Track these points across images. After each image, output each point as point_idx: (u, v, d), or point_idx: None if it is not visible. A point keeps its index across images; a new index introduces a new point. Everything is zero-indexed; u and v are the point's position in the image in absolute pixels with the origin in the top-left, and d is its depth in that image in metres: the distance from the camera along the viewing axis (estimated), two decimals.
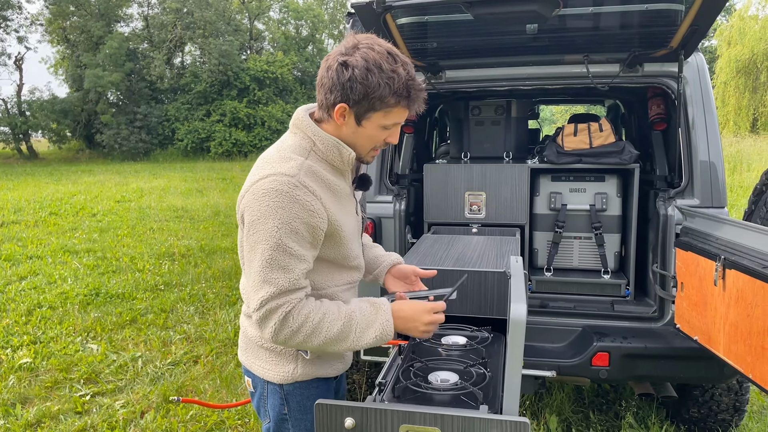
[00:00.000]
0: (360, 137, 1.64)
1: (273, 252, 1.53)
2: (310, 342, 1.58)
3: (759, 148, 17.65)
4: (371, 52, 1.52)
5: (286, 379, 1.73)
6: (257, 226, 1.54)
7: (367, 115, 1.58)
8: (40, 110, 30.30)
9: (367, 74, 1.51)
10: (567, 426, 3.56)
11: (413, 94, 1.57)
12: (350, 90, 1.53)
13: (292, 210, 1.53)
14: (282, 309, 1.55)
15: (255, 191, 1.55)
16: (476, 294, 2.22)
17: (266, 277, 1.54)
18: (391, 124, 1.62)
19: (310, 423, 1.77)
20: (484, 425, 1.40)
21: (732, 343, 2.30)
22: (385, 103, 1.55)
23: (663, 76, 3.07)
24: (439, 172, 3.55)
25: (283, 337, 1.57)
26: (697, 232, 2.64)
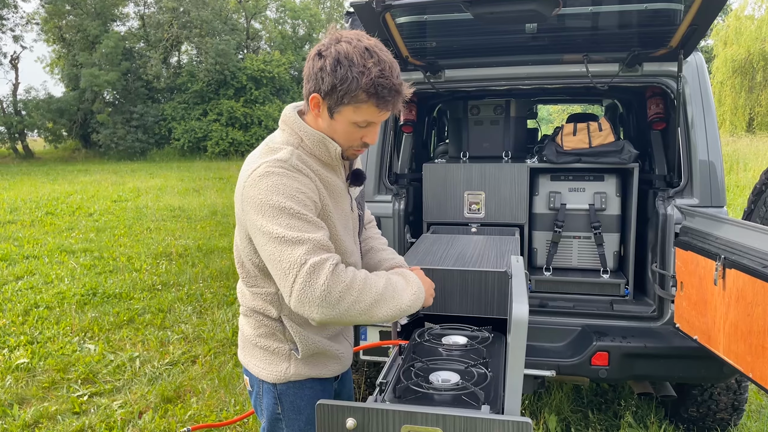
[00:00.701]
0: (335, 132, 1.63)
1: (290, 219, 1.49)
2: (362, 301, 1.50)
3: (755, 147, 17.71)
4: (348, 45, 1.52)
5: (279, 379, 1.74)
6: (264, 203, 1.51)
7: (337, 108, 1.57)
8: (36, 109, 30.19)
9: (336, 66, 1.50)
10: (566, 425, 3.56)
11: (382, 93, 1.53)
12: (321, 81, 1.53)
13: (293, 183, 1.53)
14: (329, 261, 1.47)
15: (252, 179, 1.55)
16: (477, 294, 2.22)
17: (294, 239, 1.47)
18: (363, 122, 1.60)
19: (304, 423, 1.77)
20: (487, 425, 1.40)
21: (732, 342, 2.30)
22: (354, 97, 1.53)
23: (662, 76, 3.07)
24: (438, 172, 3.55)
25: (337, 294, 1.46)
26: (697, 231, 2.64)
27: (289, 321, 1.73)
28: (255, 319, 1.76)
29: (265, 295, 1.72)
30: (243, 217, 1.61)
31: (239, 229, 1.70)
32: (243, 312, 1.81)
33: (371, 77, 1.50)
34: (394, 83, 1.55)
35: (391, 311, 1.57)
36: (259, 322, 1.76)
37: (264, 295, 1.72)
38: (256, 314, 1.76)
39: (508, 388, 1.49)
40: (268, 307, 1.73)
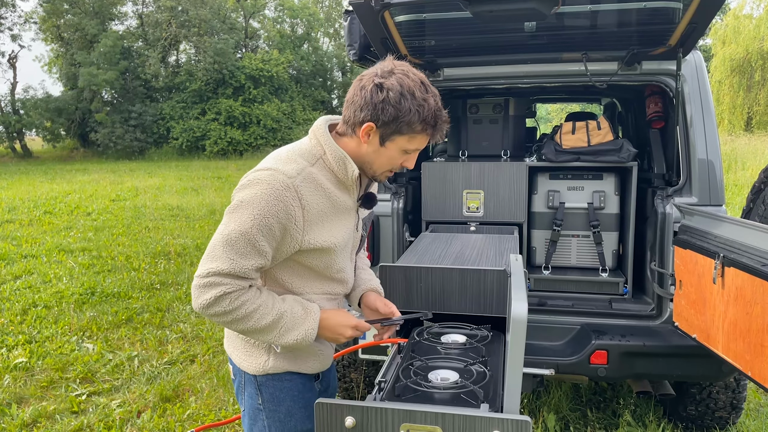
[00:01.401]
0: (380, 157, 1.69)
1: (239, 237, 1.58)
2: (234, 326, 1.65)
3: (753, 146, 17.72)
4: (406, 78, 1.60)
5: (258, 371, 1.78)
6: (239, 208, 1.59)
7: (392, 137, 1.64)
8: (34, 109, 30.15)
9: (400, 98, 1.58)
10: (565, 424, 3.56)
11: (439, 125, 1.65)
12: (381, 111, 1.59)
13: (275, 207, 1.58)
14: (222, 288, 1.59)
15: (251, 177, 1.62)
16: (475, 292, 2.21)
17: (222, 254, 1.59)
18: (413, 150, 1.69)
19: (283, 414, 1.81)
20: (486, 424, 1.40)
21: (731, 340, 2.31)
22: (412, 128, 1.62)
23: (661, 74, 3.07)
24: (437, 171, 3.55)
25: (211, 312, 1.61)
26: (696, 230, 2.64)
27: None
28: None
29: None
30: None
31: None
32: None
33: (431, 110, 1.61)
34: (445, 114, 1.67)
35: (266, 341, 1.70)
36: None
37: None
38: None
39: (507, 387, 1.49)
40: None
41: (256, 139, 29.94)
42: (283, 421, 1.80)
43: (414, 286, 2.27)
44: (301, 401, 1.82)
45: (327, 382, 2.02)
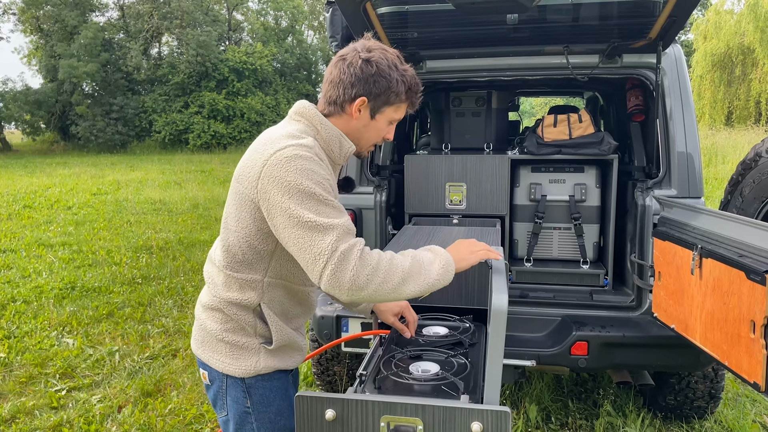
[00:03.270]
0: (370, 130, 1.75)
1: (318, 205, 1.54)
2: (389, 281, 1.54)
3: (733, 140, 17.95)
4: (386, 52, 1.69)
5: (248, 373, 1.73)
6: (292, 187, 1.53)
7: (381, 109, 1.71)
8: (14, 101, 29.63)
9: (389, 70, 1.66)
10: (546, 414, 3.59)
11: (419, 93, 1.75)
12: (374, 84, 1.66)
13: (319, 170, 1.58)
14: (356, 247, 1.53)
15: (278, 159, 1.56)
16: (457, 284, 2.22)
17: (323, 225, 1.52)
18: (397, 119, 1.77)
19: (274, 414, 1.78)
20: (465, 415, 1.40)
21: (708, 331, 2.34)
22: (399, 98, 1.70)
23: (641, 67, 3.09)
24: (419, 164, 3.54)
25: (365, 278, 1.51)
26: (675, 221, 2.67)
27: (268, 309, 1.73)
28: (223, 313, 1.74)
29: (249, 282, 1.71)
30: (255, 196, 1.60)
31: (241, 210, 1.66)
32: (208, 305, 1.78)
33: (414, 79, 1.72)
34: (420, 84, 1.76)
35: (420, 287, 1.59)
36: (228, 317, 1.73)
37: (248, 282, 1.71)
38: (228, 306, 1.72)
39: (487, 378, 1.50)
40: (248, 294, 1.71)
41: (240, 132, 29.72)
42: (274, 421, 1.78)
43: None
44: (288, 399, 1.81)
45: (295, 376, 2.01)
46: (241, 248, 1.69)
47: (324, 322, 3.19)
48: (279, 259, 1.71)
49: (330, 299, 3.39)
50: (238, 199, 1.66)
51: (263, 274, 1.71)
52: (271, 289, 1.73)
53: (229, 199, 1.72)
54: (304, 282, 1.78)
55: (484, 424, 1.39)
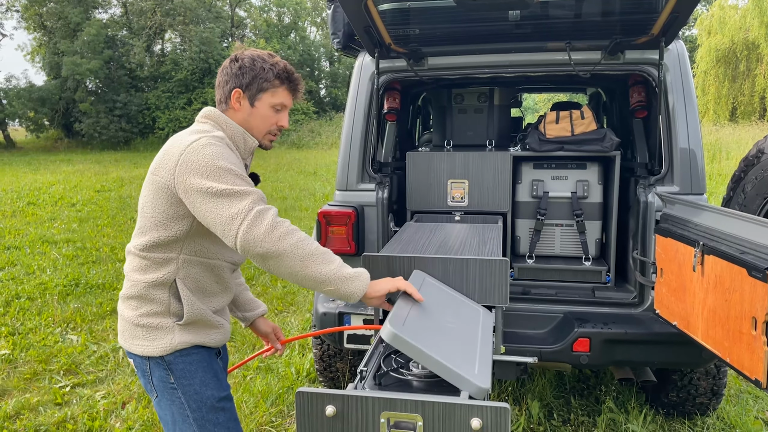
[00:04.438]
0: (255, 118, 1.96)
1: (234, 178, 1.74)
2: (303, 247, 1.71)
3: (738, 136, 17.88)
4: (255, 51, 1.96)
5: (165, 350, 1.86)
6: (209, 166, 1.73)
7: (258, 96, 1.93)
8: (17, 98, 29.69)
9: (253, 62, 1.92)
10: (548, 411, 3.59)
11: (293, 78, 1.98)
12: (241, 76, 1.91)
13: (231, 155, 1.81)
14: (272, 210, 1.73)
15: (194, 148, 1.76)
16: (458, 281, 2.22)
17: (238, 191, 1.71)
18: (279, 104, 1.97)
19: (198, 386, 1.89)
20: (465, 411, 1.41)
21: (710, 327, 2.33)
22: (271, 83, 1.93)
23: (644, 64, 3.08)
24: (421, 160, 3.54)
25: (279, 233, 1.69)
26: (677, 218, 2.67)
27: (182, 285, 1.87)
28: (137, 299, 1.88)
29: (165, 260, 1.85)
30: (172, 182, 1.77)
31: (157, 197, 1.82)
32: (125, 295, 1.92)
33: (281, 67, 1.95)
34: (296, 72, 2.01)
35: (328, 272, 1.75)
36: (143, 300, 1.87)
37: (165, 260, 1.85)
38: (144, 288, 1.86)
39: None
40: (164, 271, 1.85)
41: None
42: (200, 391, 1.88)
43: (397, 275, 2.26)
44: (211, 371, 1.93)
45: (224, 359, 2.17)
46: (158, 231, 1.84)
47: (326, 319, 3.20)
48: (194, 237, 1.86)
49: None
50: (154, 188, 1.83)
51: (179, 252, 1.86)
52: (187, 265, 1.87)
53: (144, 190, 1.87)
54: (218, 255, 1.93)
55: (483, 420, 1.39)
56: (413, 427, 1.45)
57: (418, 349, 1.59)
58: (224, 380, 1.99)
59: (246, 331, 4.85)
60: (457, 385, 1.57)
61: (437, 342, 1.71)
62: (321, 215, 3.23)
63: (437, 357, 1.59)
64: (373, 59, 3.28)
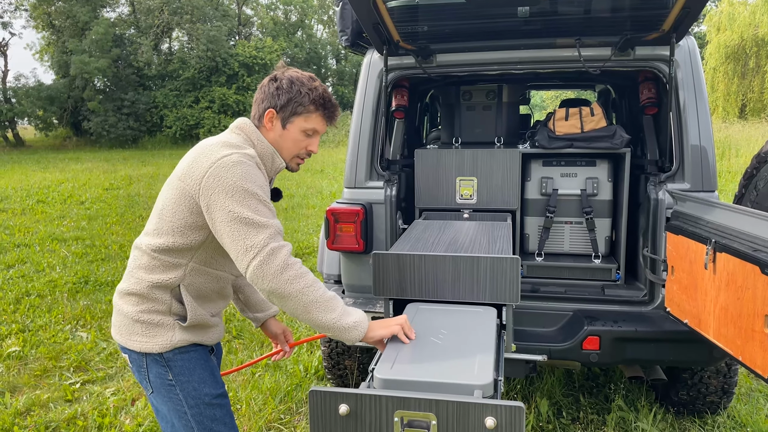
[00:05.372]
0: (286, 140, 1.96)
1: (257, 204, 1.76)
2: (308, 293, 1.74)
3: (747, 133, 17.75)
4: (296, 73, 1.96)
5: (165, 347, 1.88)
6: (236, 187, 1.74)
7: (291, 119, 1.93)
8: (26, 97, 29.84)
9: (291, 85, 1.92)
10: (557, 409, 3.58)
11: (328, 105, 1.97)
12: (277, 97, 1.91)
13: (260, 177, 1.82)
14: (286, 249, 1.75)
15: (224, 163, 1.77)
16: (468, 279, 2.22)
17: (259, 222, 1.73)
18: (311, 130, 1.97)
19: (196, 383, 1.92)
20: (479, 410, 1.40)
21: (722, 326, 2.32)
22: (306, 108, 1.93)
23: (654, 60, 3.05)
24: (430, 158, 3.53)
25: (288, 276, 1.72)
26: (688, 215, 2.65)
27: (185, 291, 1.89)
28: (138, 296, 1.88)
29: (175, 264, 1.87)
30: (197, 193, 1.79)
31: (180, 203, 1.84)
32: (125, 291, 1.92)
33: (319, 93, 1.94)
34: (334, 100, 2.00)
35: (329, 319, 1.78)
36: (144, 298, 1.88)
37: (174, 264, 1.87)
38: (148, 288, 1.87)
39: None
40: (171, 275, 1.87)
41: None
42: (198, 388, 1.91)
43: (407, 273, 2.26)
44: (208, 369, 1.97)
45: (218, 354, 2.19)
46: (173, 236, 1.85)
47: None
48: (207, 248, 1.89)
49: (340, 294, 3.40)
50: (178, 194, 1.84)
51: (189, 259, 1.89)
52: (193, 273, 1.90)
53: (167, 192, 1.89)
54: (225, 267, 1.97)
55: (498, 419, 1.39)
56: (427, 426, 1.45)
57: (412, 382, 1.63)
58: (219, 377, 2.02)
59: (255, 329, 4.86)
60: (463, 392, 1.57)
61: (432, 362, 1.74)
62: (329, 213, 3.23)
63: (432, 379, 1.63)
64: (381, 56, 3.27)
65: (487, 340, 1.89)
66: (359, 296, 3.32)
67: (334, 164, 18.55)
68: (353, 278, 3.33)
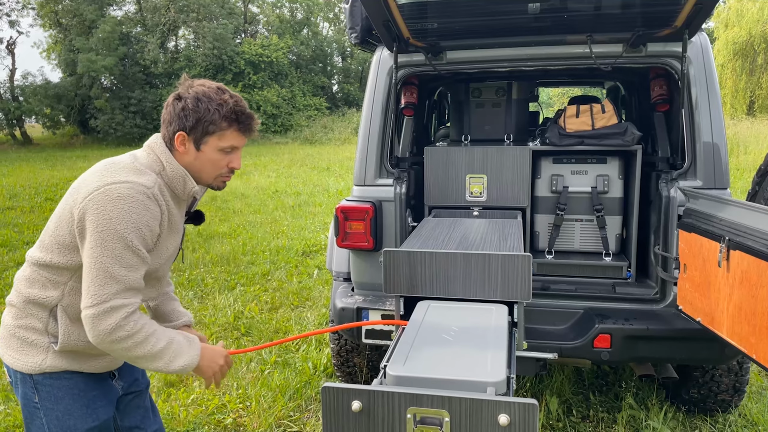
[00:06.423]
0: (202, 162, 1.82)
1: (123, 251, 1.66)
2: (135, 350, 1.69)
3: (756, 130, 17.64)
4: (202, 87, 1.79)
5: (34, 369, 1.78)
6: (109, 225, 1.64)
7: (203, 139, 1.79)
8: (34, 95, 30.01)
9: (197, 103, 1.75)
10: (567, 407, 3.57)
11: (242, 118, 1.81)
12: (185, 118, 1.76)
13: (144, 216, 1.69)
14: (126, 309, 1.66)
15: (109, 192, 1.66)
16: (479, 277, 2.21)
17: (114, 273, 1.65)
18: (228, 147, 1.82)
19: (61, 413, 1.81)
20: (492, 407, 1.40)
21: (736, 324, 2.30)
22: (218, 126, 1.77)
23: (667, 56, 3.03)
24: (440, 155, 3.53)
25: (116, 337, 1.65)
26: (701, 213, 2.63)
27: (62, 313, 1.78)
28: (19, 308, 1.80)
29: (53, 282, 1.77)
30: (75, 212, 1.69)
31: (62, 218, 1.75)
32: (9, 301, 1.84)
33: (229, 107, 1.78)
34: (248, 110, 1.83)
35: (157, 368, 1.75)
36: (23, 312, 1.79)
37: (52, 281, 1.77)
38: (25, 302, 1.78)
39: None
40: (49, 293, 1.77)
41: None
42: (61, 419, 1.81)
43: (418, 270, 2.26)
44: (83, 400, 1.83)
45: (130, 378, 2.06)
46: (52, 253, 1.76)
47: (344, 314, 3.20)
48: None
49: (350, 291, 3.40)
50: (63, 208, 1.76)
51: (68, 278, 1.77)
52: (73, 294, 1.77)
53: (60, 203, 1.79)
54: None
55: (511, 416, 1.38)
56: (440, 422, 1.44)
57: (424, 379, 1.63)
58: (100, 409, 1.87)
59: (263, 326, 4.87)
60: (475, 390, 1.57)
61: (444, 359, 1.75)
62: (339, 211, 3.23)
63: (444, 376, 1.63)
64: (391, 54, 3.26)
65: (499, 338, 1.89)
66: (369, 294, 3.31)
67: (340, 162, 18.55)
68: (363, 276, 3.33)
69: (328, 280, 6.24)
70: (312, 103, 31.92)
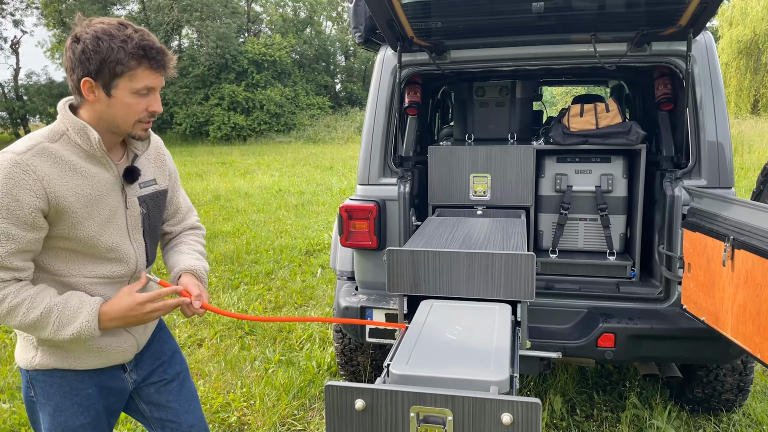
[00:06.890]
0: (116, 108, 1.64)
1: None
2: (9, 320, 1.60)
3: (760, 129, 17.57)
4: (101, 24, 1.59)
5: (27, 365, 1.78)
6: None
7: (113, 83, 1.60)
8: (38, 94, 30.12)
9: (98, 42, 1.56)
10: (571, 406, 3.57)
11: (152, 53, 1.61)
12: (87, 62, 1.57)
13: (6, 186, 1.54)
14: None
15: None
16: (483, 276, 2.21)
17: None
18: (143, 88, 1.64)
19: (52, 409, 1.80)
20: (496, 406, 1.40)
21: (740, 323, 2.30)
22: (126, 65, 1.58)
23: (671, 55, 3.02)
24: (443, 154, 3.53)
25: None
26: (705, 212, 2.62)
27: None
28: None
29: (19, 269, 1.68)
30: None
31: None
32: None
33: (135, 42, 1.58)
34: (157, 44, 1.64)
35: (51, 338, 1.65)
36: None
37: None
38: None
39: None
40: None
41: (260, 124, 29.84)
42: (53, 415, 1.80)
43: (421, 270, 2.26)
44: (74, 398, 1.80)
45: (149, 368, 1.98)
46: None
47: (348, 312, 3.20)
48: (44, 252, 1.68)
49: (354, 290, 3.40)
50: None
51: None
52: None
53: None
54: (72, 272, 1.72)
55: (514, 415, 1.38)
56: (443, 421, 1.44)
57: (427, 378, 1.63)
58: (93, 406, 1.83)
59: (267, 325, 4.88)
60: (479, 388, 1.57)
61: (447, 358, 1.75)
62: (343, 210, 3.23)
63: (448, 375, 1.63)
64: (394, 53, 3.26)
65: (502, 337, 1.89)
66: (373, 293, 3.32)
67: (344, 161, 18.56)
68: (367, 275, 3.33)
69: (331, 279, 6.25)
70: (315, 102, 31.93)
